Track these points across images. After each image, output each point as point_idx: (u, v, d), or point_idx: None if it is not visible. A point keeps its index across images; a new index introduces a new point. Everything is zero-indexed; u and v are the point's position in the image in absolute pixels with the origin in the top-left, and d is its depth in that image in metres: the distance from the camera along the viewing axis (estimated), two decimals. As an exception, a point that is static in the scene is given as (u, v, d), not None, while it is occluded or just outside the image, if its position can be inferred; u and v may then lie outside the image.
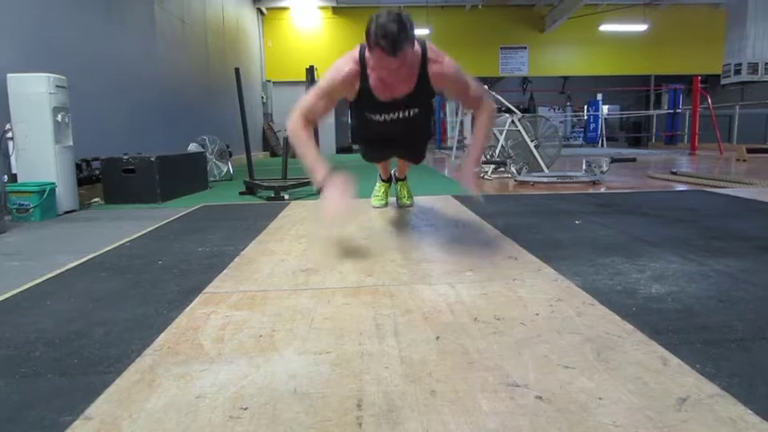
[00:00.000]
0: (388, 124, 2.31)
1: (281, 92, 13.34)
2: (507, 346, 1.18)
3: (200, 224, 2.95)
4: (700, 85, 10.20)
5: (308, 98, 2.09)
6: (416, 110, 2.28)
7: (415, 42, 1.92)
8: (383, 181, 3.33)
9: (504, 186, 4.84)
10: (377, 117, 2.27)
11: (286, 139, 5.22)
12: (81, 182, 4.07)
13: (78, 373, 1.10)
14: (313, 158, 2.00)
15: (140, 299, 1.60)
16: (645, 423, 0.86)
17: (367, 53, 1.95)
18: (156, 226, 2.91)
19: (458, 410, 0.91)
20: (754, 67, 11.50)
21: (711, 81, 13.31)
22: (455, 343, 1.20)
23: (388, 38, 1.69)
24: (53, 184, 3.50)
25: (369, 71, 2.06)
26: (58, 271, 1.96)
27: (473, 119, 2.27)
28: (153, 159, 4.16)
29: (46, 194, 3.38)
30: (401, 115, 2.27)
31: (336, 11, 13.39)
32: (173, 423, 0.89)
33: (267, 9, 13.04)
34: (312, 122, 2.09)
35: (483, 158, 6.10)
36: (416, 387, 1.00)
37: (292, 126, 2.04)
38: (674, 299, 1.50)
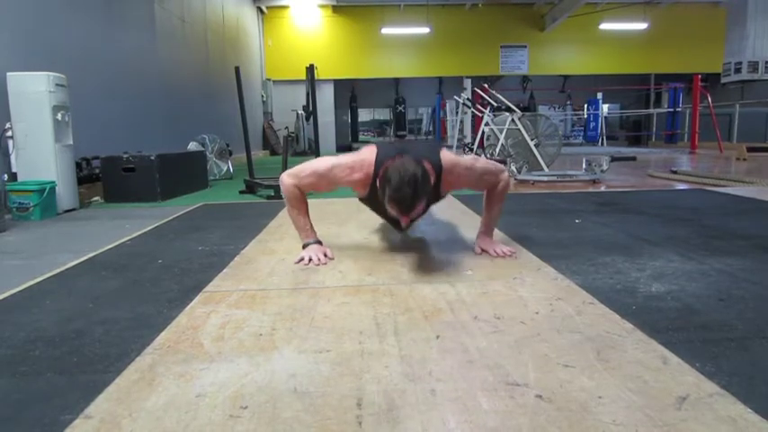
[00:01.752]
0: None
1: (280, 91, 13.33)
2: (507, 344, 1.18)
3: (201, 223, 2.95)
4: (700, 83, 10.20)
5: (307, 172, 1.97)
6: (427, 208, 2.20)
7: (431, 168, 1.82)
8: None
9: (504, 185, 4.83)
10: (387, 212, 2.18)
11: (286, 138, 5.22)
12: (81, 180, 4.07)
13: (78, 372, 1.10)
14: (302, 225, 2.07)
15: (140, 298, 1.60)
16: (645, 422, 0.86)
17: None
18: (156, 225, 2.91)
19: (458, 409, 0.91)
20: (754, 66, 11.49)
21: (711, 80, 13.30)
22: (455, 342, 1.20)
23: (402, 204, 1.69)
24: (53, 182, 3.49)
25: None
26: (58, 270, 1.96)
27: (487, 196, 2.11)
28: (153, 158, 4.16)
29: (46, 193, 3.38)
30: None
31: (336, 9, 13.37)
32: (173, 422, 0.89)
33: (267, 8, 13.02)
34: (305, 192, 2.05)
35: (483, 157, 6.10)
36: (416, 386, 1.00)
37: (287, 191, 1.99)
38: (673, 298, 1.50)
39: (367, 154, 1.93)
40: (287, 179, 1.98)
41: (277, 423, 0.88)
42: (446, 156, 1.94)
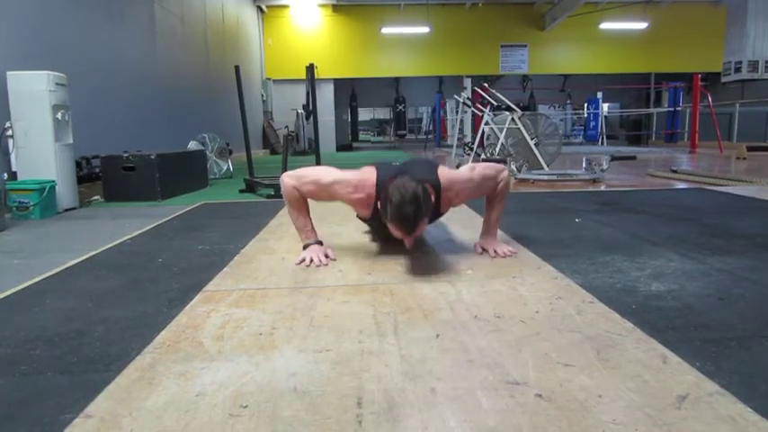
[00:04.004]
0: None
1: (280, 90, 13.33)
2: (507, 343, 1.18)
3: (201, 222, 2.95)
4: (700, 83, 10.19)
5: (309, 179, 1.95)
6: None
7: (431, 188, 1.81)
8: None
9: (504, 184, 4.83)
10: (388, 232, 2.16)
11: (286, 137, 5.22)
12: (81, 180, 4.07)
13: (78, 371, 1.10)
14: (302, 225, 2.05)
15: (140, 297, 1.60)
16: (644, 421, 0.86)
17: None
18: (156, 224, 2.91)
19: (458, 408, 0.91)
20: (754, 65, 11.49)
21: (711, 79, 13.29)
22: (455, 341, 1.20)
23: (405, 222, 1.69)
24: (53, 181, 3.49)
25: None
26: (58, 269, 1.96)
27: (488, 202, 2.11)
28: (153, 157, 4.16)
29: (46, 192, 3.38)
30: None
31: (336, 9, 13.36)
32: (173, 421, 0.89)
33: (267, 7, 13.02)
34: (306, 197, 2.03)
35: (483, 157, 6.10)
36: (416, 385, 1.00)
37: (288, 192, 1.97)
38: (673, 297, 1.50)
39: (368, 174, 1.92)
40: (288, 180, 1.97)
41: (277, 422, 0.88)
42: (444, 173, 1.93)
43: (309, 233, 2.06)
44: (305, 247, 2.04)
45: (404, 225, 1.70)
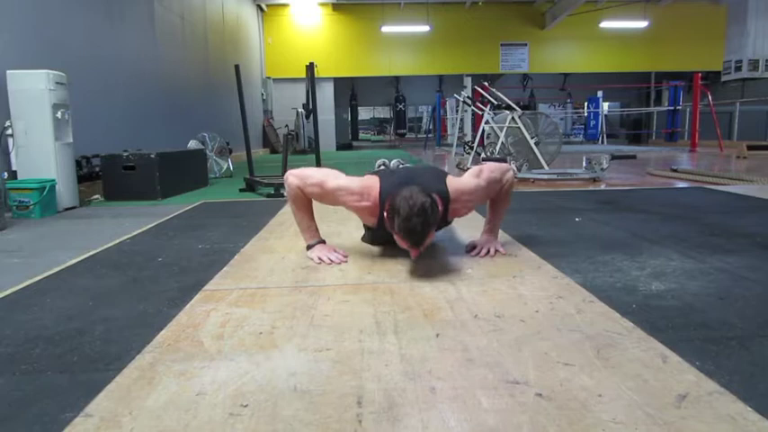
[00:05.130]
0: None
1: (280, 89, 13.32)
2: (507, 343, 1.18)
3: (201, 221, 2.95)
4: (700, 81, 10.18)
5: (313, 181, 1.92)
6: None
7: (439, 200, 1.78)
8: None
9: (505, 183, 4.83)
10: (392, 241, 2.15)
11: (286, 136, 5.21)
12: (81, 179, 4.07)
13: (78, 371, 1.10)
14: (305, 226, 2.04)
15: (140, 296, 1.60)
16: (644, 420, 0.86)
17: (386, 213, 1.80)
18: (156, 223, 2.91)
19: (458, 407, 0.91)
20: (754, 64, 11.48)
21: (712, 78, 13.28)
22: (455, 340, 1.20)
23: (413, 234, 1.66)
24: (53, 181, 3.49)
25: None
26: (58, 268, 1.97)
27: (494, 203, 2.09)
28: (153, 156, 4.15)
29: (46, 191, 3.37)
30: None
31: (336, 7, 13.35)
32: (173, 420, 0.89)
33: (267, 6, 13.00)
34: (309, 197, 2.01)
35: (483, 155, 6.10)
36: (416, 384, 1.00)
37: (292, 191, 1.95)
38: (673, 296, 1.50)
39: (372, 182, 1.88)
40: (292, 180, 1.93)
41: (277, 421, 0.88)
42: (452, 184, 1.89)
43: (314, 233, 2.05)
44: (309, 248, 2.03)
45: (411, 238, 1.67)
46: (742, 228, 2.46)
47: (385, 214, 1.77)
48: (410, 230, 1.65)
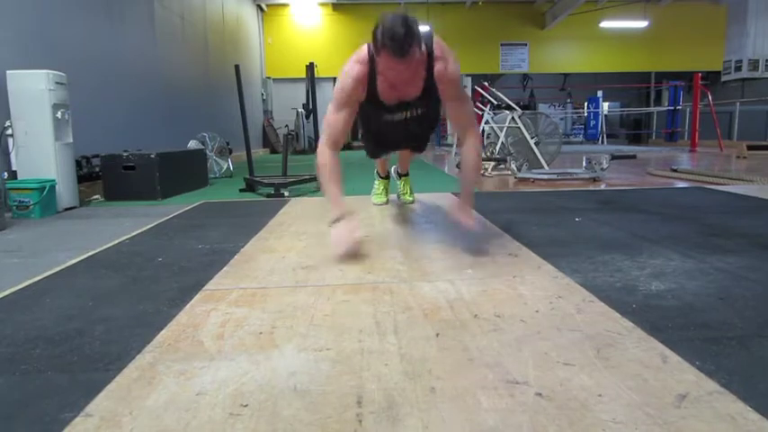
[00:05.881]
0: (396, 123, 2.31)
1: (280, 89, 13.33)
2: (507, 343, 1.18)
3: (200, 221, 2.95)
4: (700, 81, 10.19)
5: (329, 116, 2.06)
6: (424, 109, 2.27)
7: (422, 42, 1.89)
8: (382, 178, 3.34)
9: (505, 183, 4.84)
10: (384, 117, 2.25)
11: (286, 136, 5.22)
12: (81, 179, 4.07)
13: (78, 371, 1.10)
14: (334, 196, 2.04)
15: (140, 296, 1.60)
16: (644, 420, 0.86)
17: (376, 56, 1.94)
18: (155, 223, 2.91)
19: (457, 407, 0.91)
20: (754, 64, 11.49)
21: (712, 78, 13.29)
22: (455, 340, 1.20)
23: (396, 40, 1.69)
24: (53, 181, 3.49)
25: (377, 74, 2.02)
26: (58, 268, 1.96)
27: (458, 143, 2.21)
28: (153, 156, 4.16)
29: (46, 191, 3.38)
30: (408, 115, 2.26)
31: (336, 7, 13.36)
32: (173, 420, 0.89)
33: (267, 6, 13.01)
34: (339, 143, 2.09)
35: (483, 155, 6.09)
36: (416, 384, 1.00)
37: (320, 155, 2.02)
38: (673, 296, 1.50)
39: (361, 48, 2.03)
40: (320, 145, 2.03)
41: (277, 421, 0.88)
42: (438, 41, 2.03)
43: (338, 203, 2.04)
44: (333, 222, 2.02)
45: (394, 46, 1.69)
46: (742, 228, 2.46)
47: (371, 46, 1.85)
48: (393, 36, 1.67)
